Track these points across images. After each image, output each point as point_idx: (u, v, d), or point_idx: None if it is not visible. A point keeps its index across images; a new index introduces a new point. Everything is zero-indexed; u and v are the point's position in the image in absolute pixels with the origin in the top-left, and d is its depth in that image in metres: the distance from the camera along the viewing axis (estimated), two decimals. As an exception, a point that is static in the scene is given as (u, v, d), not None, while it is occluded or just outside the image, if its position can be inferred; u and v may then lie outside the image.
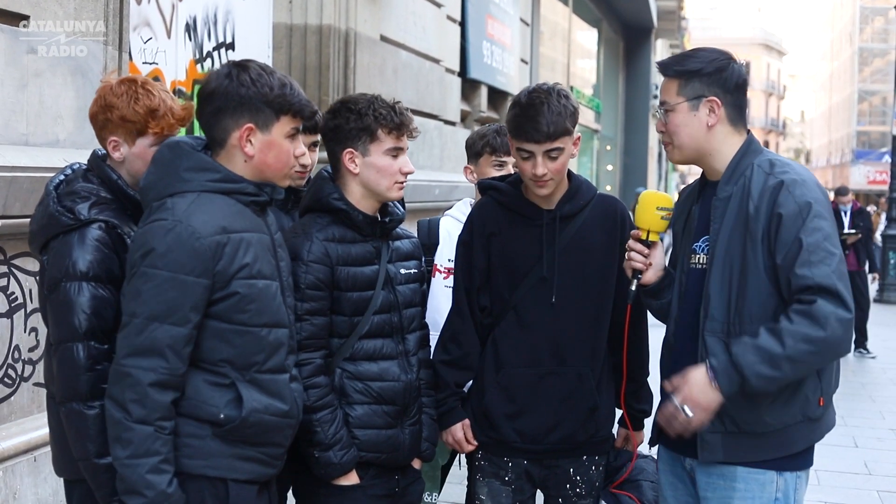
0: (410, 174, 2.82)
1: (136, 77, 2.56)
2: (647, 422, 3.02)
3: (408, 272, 2.88)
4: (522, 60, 12.63)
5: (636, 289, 2.75)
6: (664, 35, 28.35)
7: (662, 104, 2.66)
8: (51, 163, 3.39)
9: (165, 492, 2.21)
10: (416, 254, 2.97)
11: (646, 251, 2.74)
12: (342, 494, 2.73)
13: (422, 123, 6.56)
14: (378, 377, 2.76)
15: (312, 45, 6.41)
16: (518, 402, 2.92)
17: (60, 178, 2.49)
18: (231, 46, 5.30)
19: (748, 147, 2.63)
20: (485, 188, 3.07)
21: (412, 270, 2.91)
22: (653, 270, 2.74)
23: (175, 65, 4.70)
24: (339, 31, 6.45)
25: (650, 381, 3.07)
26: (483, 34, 10.43)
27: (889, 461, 6.41)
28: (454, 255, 3.13)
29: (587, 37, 21.74)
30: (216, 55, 5.13)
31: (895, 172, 16.57)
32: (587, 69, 22.21)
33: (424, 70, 8.13)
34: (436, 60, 8.46)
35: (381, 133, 2.75)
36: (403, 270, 2.87)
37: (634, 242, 2.75)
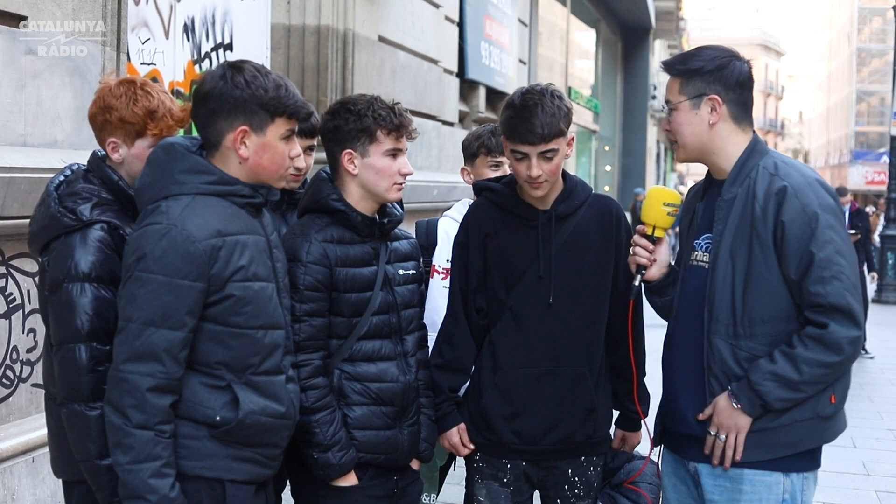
0: (409, 175, 2.82)
1: (135, 78, 2.56)
2: (647, 422, 3.02)
3: (406, 273, 2.88)
4: (521, 61, 12.64)
5: (639, 284, 2.75)
6: (662, 35, 28.38)
7: (667, 103, 2.66)
8: (49, 163, 3.40)
9: (168, 496, 2.21)
10: (415, 254, 2.97)
11: (650, 247, 2.73)
12: (341, 495, 2.72)
13: (420, 124, 6.55)
14: (377, 378, 2.76)
15: (310, 46, 6.42)
16: (515, 404, 2.91)
17: (61, 179, 2.49)
18: (229, 47, 5.30)
19: (754, 147, 2.61)
20: (480, 189, 3.06)
21: (410, 271, 2.91)
22: (657, 267, 2.74)
23: (173, 65, 4.69)
24: (338, 32, 6.46)
25: (650, 382, 3.06)
26: (481, 35, 10.44)
27: (887, 461, 6.41)
28: (452, 256, 3.12)
29: (585, 37, 21.75)
30: (214, 56, 5.12)
31: (893, 173, 16.55)
32: (585, 70, 22.22)
33: (423, 71, 8.13)
34: (434, 61, 8.46)
35: (381, 134, 2.74)
36: (402, 271, 2.86)
37: (639, 237, 2.74)
